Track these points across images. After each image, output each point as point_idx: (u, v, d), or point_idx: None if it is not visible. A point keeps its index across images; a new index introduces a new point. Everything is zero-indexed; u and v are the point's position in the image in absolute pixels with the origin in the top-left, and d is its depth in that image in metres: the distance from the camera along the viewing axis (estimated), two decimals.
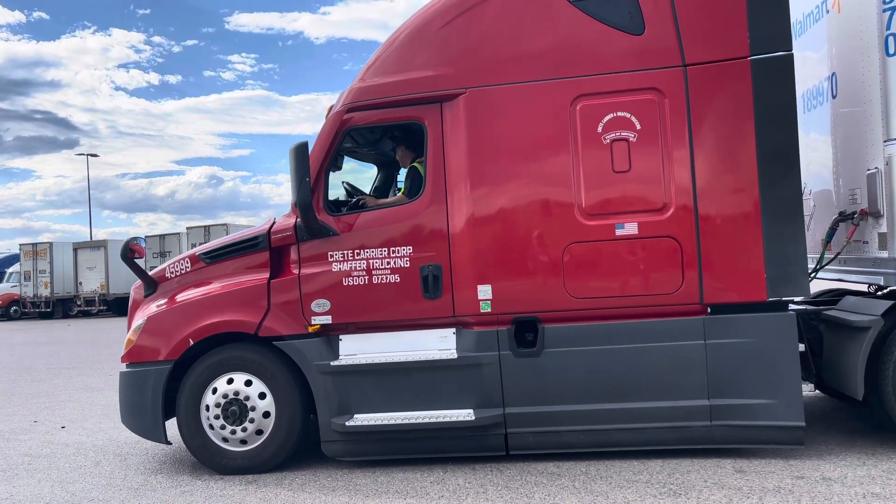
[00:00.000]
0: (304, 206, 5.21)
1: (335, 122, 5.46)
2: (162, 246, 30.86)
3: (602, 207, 5.07)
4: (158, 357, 5.48)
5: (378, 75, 5.43)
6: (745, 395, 4.92)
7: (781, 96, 4.87)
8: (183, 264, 5.87)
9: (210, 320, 5.44)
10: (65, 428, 7.68)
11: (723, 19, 4.93)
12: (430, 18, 5.37)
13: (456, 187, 5.23)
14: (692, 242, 4.95)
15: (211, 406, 5.40)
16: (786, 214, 4.86)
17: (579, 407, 5.10)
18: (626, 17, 5.05)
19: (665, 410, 5.01)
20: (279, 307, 5.40)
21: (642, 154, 5.01)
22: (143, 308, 5.86)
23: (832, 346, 5.34)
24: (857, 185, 5.41)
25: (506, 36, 5.22)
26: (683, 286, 4.98)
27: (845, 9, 5.55)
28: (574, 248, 5.08)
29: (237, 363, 5.44)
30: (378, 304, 5.33)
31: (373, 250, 5.32)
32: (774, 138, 4.86)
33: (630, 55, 5.05)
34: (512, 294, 5.17)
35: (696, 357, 4.96)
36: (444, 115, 5.28)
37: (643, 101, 5.01)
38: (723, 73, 4.93)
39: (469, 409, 5.17)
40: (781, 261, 4.86)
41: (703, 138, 4.95)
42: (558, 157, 5.11)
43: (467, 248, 5.20)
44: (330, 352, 5.36)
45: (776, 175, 4.86)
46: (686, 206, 4.96)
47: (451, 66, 5.27)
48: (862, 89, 5.28)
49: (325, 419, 5.31)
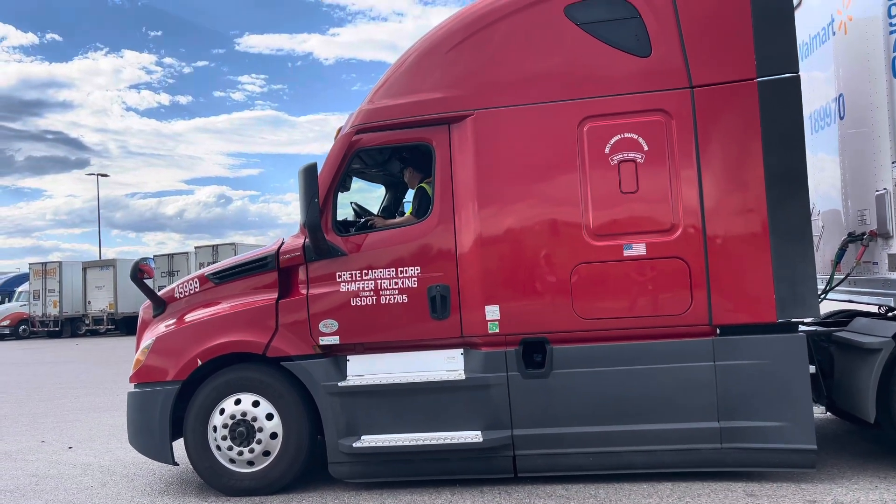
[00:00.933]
0: (313, 227, 5.23)
1: (344, 144, 5.50)
2: (170, 265, 30.98)
3: (610, 228, 5.07)
4: (166, 377, 5.48)
5: (387, 97, 5.48)
6: (755, 418, 4.87)
7: (789, 118, 4.87)
8: (192, 284, 5.89)
9: (218, 340, 5.45)
10: (72, 448, 7.68)
11: (729, 41, 4.96)
12: (439, 42, 5.42)
13: (464, 208, 5.25)
14: (700, 263, 4.94)
15: (218, 427, 5.39)
16: (794, 235, 4.85)
17: (588, 429, 5.06)
18: (633, 39, 5.09)
19: (675, 432, 4.97)
20: (287, 327, 5.41)
21: (650, 175, 5.02)
22: (152, 328, 5.87)
23: (843, 367, 5.30)
24: (866, 206, 5.40)
25: (513, 58, 5.26)
26: (692, 307, 4.96)
27: (851, 31, 5.57)
28: (582, 269, 5.08)
29: (245, 384, 5.43)
30: (386, 324, 5.33)
31: (380, 270, 5.33)
32: (782, 159, 4.86)
33: (637, 77, 5.08)
34: (520, 315, 5.16)
35: (706, 379, 4.93)
36: (451, 136, 5.31)
37: (650, 122, 5.03)
38: (730, 94, 4.95)
39: (477, 430, 5.14)
40: (791, 282, 4.84)
41: (710, 159, 4.96)
42: (566, 178, 5.12)
43: (475, 269, 5.20)
44: (337, 372, 5.36)
45: (784, 196, 4.85)
46: (694, 226, 4.96)
47: (459, 88, 5.31)
48: (869, 111, 5.29)
49: (332, 440, 5.29)
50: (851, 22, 5.58)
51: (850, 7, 5.57)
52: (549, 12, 5.21)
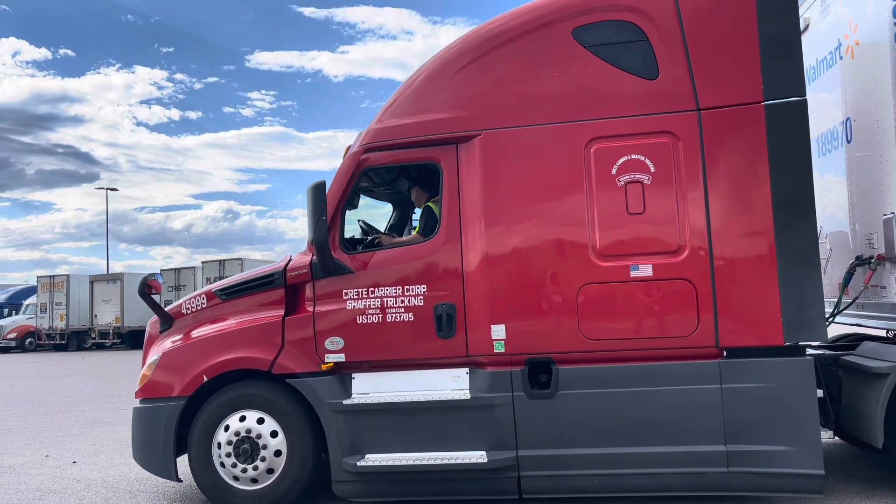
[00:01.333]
0: (321, 244, 5.26)
1: (352, 162, 5.53)
2: (177, 280, 31.08)
3: (617, 249, 5.07)
4: (172, 393, 5.49)
5: (395, 117, 5.52)
6: (762, 442, 4.83)
7: (796, 141, 4.88)
8: (199, 300, 5.91)
9: (224, 357, 5.46)
10: (76, 463, 7.67)
11: (736, 65, 4.98)
12: (447, 62, 5.47)
13: (470, 227, 5.27)
14: (707, 285, 4.93)
15: (223, 444, 5.38)
16: (802, 258, 4.84)
17: (593, 451, 5.03)
18: (641, 62, 5.12)
19: (681, 455, 4.93)
20: (293, 344, 5.41)
21: (657, 196, 5.02)
22: (159, 343, 5.89)
23: (851, 392, 5.26)
24: (873, 230, 5.39)
25: (521, 79, 5.30)
26: (699, 329, 4.94)
27: (858, 55, 5.60)
28: (588, 290, 5.08)
29: (250, 400, 5.43)
30: (391, 342, 5.33)
31: (387, 288, 5.34)
32: (789, 182, 4.85)
33: (644, 99, 5.10)
34: (526, 334, 5.15)
35: (712, 401, 4.90)
36: (459, 156, 5.34)
37: (657, 144, 5.04)
38: (737, 117, 4.96)
39: (482, 450, 5.12)
40: (798, 305, 4.81)
41: (717, 181, 4.97)
42: (573, 199, 5.14)
43: (481, 288, 5.20)
44: (342, 390, 5.35)
45: (791, 218, 4.85)
46: (701, 248, 4.95)
47: (467, 108, 5.34)
48: (877, 134, 5.29)
49: (336, 458, 5.28)
50: (858, 46, 5.60)
51: (857, 32, 5.60)
52: (558, 35, 5.25)
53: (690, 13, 5.07)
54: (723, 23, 5.03)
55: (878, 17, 5.23)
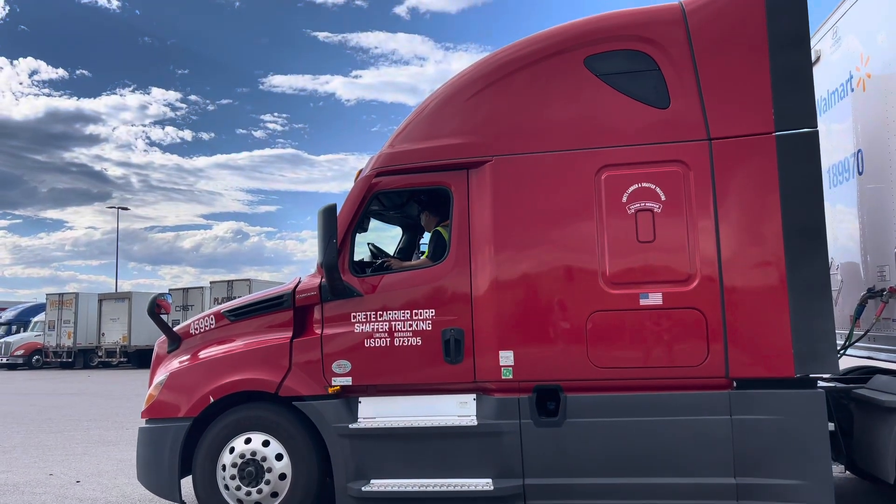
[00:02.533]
0: (330, 267, 5.27)
1: (364, 186, 5.56)
2: (185, 299, 31.11)
3: (626, 276, 5.06)
4: (178, 414, 5.48)
5: (407, 142, 5.56)
6: (772, 475, 4.76)
7: (807, 172, 4.87)
8: (207, 321, 5.92)
9: (231, 378, 5.45)
10: (80, 482, 7.64)
11: (747, 95, 4.99)
12: (460, 89, 5.52)
13: (480, 253, 5.27)
14: (717, 315, 4.90)
15: (227, 466, 5.35)
16: (813, 290, 4.80)
17: (601, 480, 4.97)
18: (652, 91, 5.15)
19: (690, 487, 4.87)
20: (300, 367, 5.40)
21: (667, 225, 5.02)
22: (166, 364, 5.89)
23: (863, 426, 5.19)
24: (885, 262, 5.36)
25: (533, 107, 5.33)
26: (708, 359, 4.90)
27: (870, 88, 5.61)
28: (598, 317, 5.05)
29: (256, 423, 5.41)
30: (398, 366, 5.31)
31: (395, 312, 5.34)
32: (801, 213, 4.84)
33: (655, 128, 5.12)
34: (534, 361, 5.12)
35: (722, 433, 4.84)
36: (470, 181, 5.36)
37: (668, 172, 5.05)
38: (748, 147, 4.96)
39: (488, 478, 5.07)
40: (809, 336, 4.77)
41: (728, 211, 4.96)
42: (583, 226, 5.14)
43: (490, 314, 5.19)
44: (349, 414, 5.33)
45: (803, 250, 4.82)
46: (711, 277, 4.93)
47: (479, 134, 5.37)
48: (888, 166, 5.29)
49: (341, 483, 5.23)
50: (870, 79, 5.62)
51: (869, 65, 5.62)
52: (569, 63, 5.29)
53: (702, 43, 5.10)
54: (734, 53, 5.06)
55: (890, 50, 5.25)
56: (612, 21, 5.38)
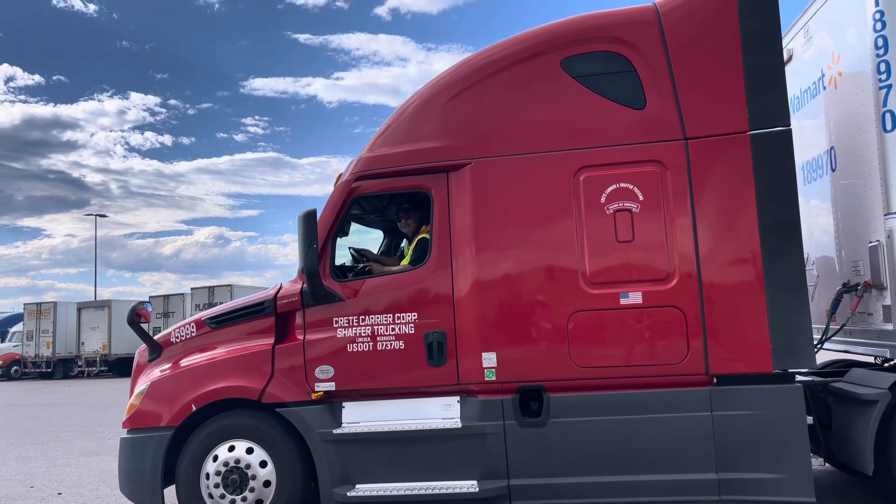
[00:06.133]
0: (311, 273, 5.26)
1: (343, 190, 5.56)
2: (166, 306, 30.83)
3: (606, 276, 5.10)
4: (160, 423, 5.43)
5: (387, 145, 5.56)
6: (753, 469, 4.83)
7: (781, 170, 4.95)
8: (188, 329, 5.88)
9: (213, 386, 5.42)
10: (61, 494, 7.55)
11: (722, 95, 5.06)
12: (439, 92, 5.53)
13: (461, 255, 5.29)
14: (697, 312, 4.96)
15: (211, 474, 5.32)
16: (790, 285, 4.88)
17: (585, 479, 5.01)
18: (628, 92, 5.20)
19: (673, 484, 4.92)
20: (283, 373, 5.38)
21: (645, 224, 5.07)
22: (147, 372, 5.84)
23: (841, 418, 5.28)
24: (859, 257, 5.45)
25: (511, 109, 5.36)
26: (689, 356, 4.96)
27: (842, 86, 5.70)
28: (579, 317, 5.09)
29: (239, 430, 5.38)
30: (382, 371, 5.31)
31: (377, 316, 5.34)
32: (776, 211, 4.91)
33: (632, 128, 5.17)
34: (517, 362, 5.15)
35: (703, 429, 4.90)
36: (450, 184, 5.38)
37: (645, 172, 5.10)
38: (723, 146, 5.03)
39: (473, 479, 5.09)
40: (786, 332, 4.85)
41: (705, 210, 5.02)
42: (562, 227, 5.17)
43: (472, 316, 5.21)
44: (333, 419, 5.32)
45: (779, 246, 4.89)
46: (690, 276, 4.99)
47: (458, 137, 5.39)
48: (861, 163, 5.38)
49: (326, 489, 5.22)
50: (841, 77, 5.71)
51: (840, 63, 5.72)
52: (547, 65, 5.33)
53: (676, 44, 5.16)
54: (708, 54, 5.13)
55: (860, 48, 5.34)
56: (587, 23, 5.43)
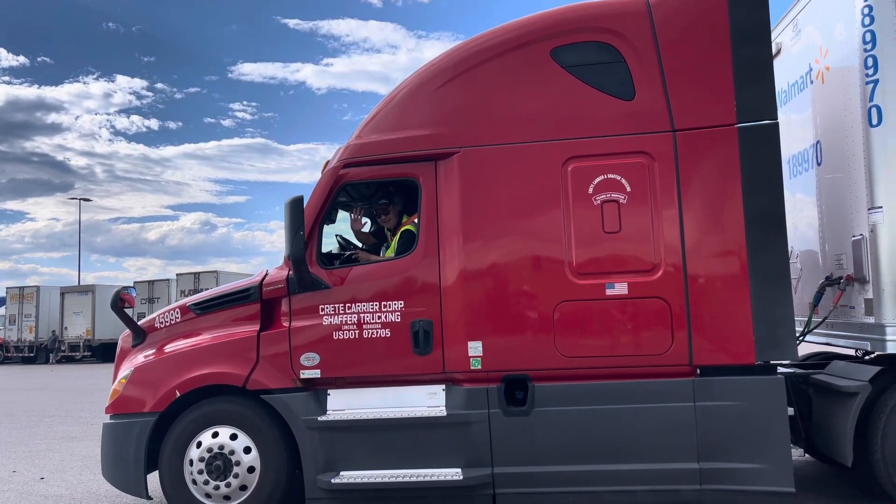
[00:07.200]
0: (297, 260, 5.23)
1: (331, 177, 5.53)
2: (151, 292, 30.69)
3: (593, 267, 5.12)
4: (144, 409, 5.41)
5: (375, 132, 5.53)
6: (734, 460, 4.88)
7: (767, 163, 4.97)
8: (173, 314, 5.84)
9: (198, 372, 5.40)
10: (44, 479, 7.51)
11: (710, 87, 5.07)
12: (428, 79, 5.51)
13: (448, 244, 5.28)
14: (681, 304, 4.99)
15: (195, 460, 5.31)
16: (774, 278, 4.92)
17: (569, 468, 5.04)
18: (618, 83, 5.19)
19: (655, 473, 4.96)
20: (268, 360, 5.37)
21: (632, 215, 5.08)
22: (131, 358, 5.81)
23: (821, 410, 5.34)
24: (842, 251, 5.50)
25: (500, 98, 5.34)
26: (673, 347, 4.99)
27: (829, 81, 5.73)
28: (565, 307, 5.11)
29: (223, 416, 5.37)
30: (367, 358, 5.31)
31: (364, 304, 5.33)
32: (761, 204, 4.94)
33: (621, 119, 5.17)
34: (502, 351, 5.16)
35: (686, 419, 4.94)
36: (438, 173, 5.36)
37: (633, 164, 5.11)
38: (711, 139, 5.05)
39: (457, 467, 5.11)
40: (769, 324, 4.89)
41: (691, 202, 5.04)
42: (550, 217, 5.18)
43: (458, 305, 5.21)
44: (318, 406, 5.31)
45: (763, 240, 4.93)
46: (675, 267, 5.01)
47: (447, 125, 5.38)
48: (846, 158, 5.41)
49: (310, 475, 5.23)
50: (829, 72, 5.74)
51: (828, 57, 5.74)
52: (536, 54, 5.32)
53: (666, 35, 5.16)
54: (698, 46, 5.13)
55: (848, 43, 5.36)
56: (578, 13, 5.41)
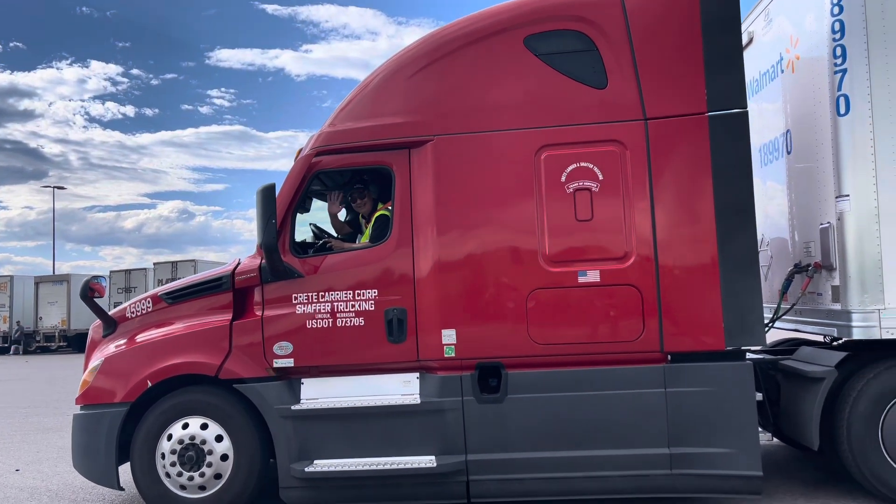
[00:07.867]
0: (270, 248, 5.20)
1: (304, 165, 5.49)
2: (128, 281, 30.39)
3: (565, 255, 5.14)
4: (114, 399, 5.37)
5: (348, 120, 5.50)
6: (704, 444, 4.95)
7: (737, 152, 5.02)
8: (144, 304, 5.79)
9: (169, 362, 5.36)
10: (19, 471, 7.44)
11: (682, 76, 5.09)
12: (402, 67, 5.47)
13: (422, 232, 5.28)
14: (652, 291, 5.03)
15: (167, 454, 5.28)
16: (743, 266, 4.97)
17: (542, 454, 5.08)
18: (590, 71, 5.20)
19: (626, 458, 5.02)
20: (241, 349, 5.34)
21: (604, 204, 5.11)
22: (102, 348, 5.75)
23: (789, 395, 5.43)
24: (811, 239, 5.58)
25: (474, 86, 5.33)
26: (644, 334, 5.04)
27: (799, 70, 5.79)
28: (538, 295, 5.13)
29: (192, 407, 5.35)
30: (341, 347, 5.30)
31: (338, 293, 5.32)
32: (731, 192, 4.99)
33: (593, 108, 5.19)
34: (476, 339, 5.18)
35: (657, 405, 5.00)
36: (411, 161, 5.35)
37: (605, 152, 5.13)
38: (682, 127, 5.08)
39: (431, 455, 5.13)
40: (738, 311, 4.95)
41: (663, 190, 5.08)
42: (523, 205, 5.19)
43: (432, 293, 5.22)
44: (291, 395, 5.30)
45: (733, 227, 4.97)
46: (647, 255, 5.05)
47: (420, 113, 5.36)
48: (815, 147, 5.48)
49: (284, 464, 5.22)
50: (799, 61, 5.79)
51: (798, 47, 5.79)
52: (510, 42, 5.31)
53: (638, 24, 5.17)
54: (669, 35, 5.15)
55: (817, 33, 5.41)
56: (551, 1, 5.40)
